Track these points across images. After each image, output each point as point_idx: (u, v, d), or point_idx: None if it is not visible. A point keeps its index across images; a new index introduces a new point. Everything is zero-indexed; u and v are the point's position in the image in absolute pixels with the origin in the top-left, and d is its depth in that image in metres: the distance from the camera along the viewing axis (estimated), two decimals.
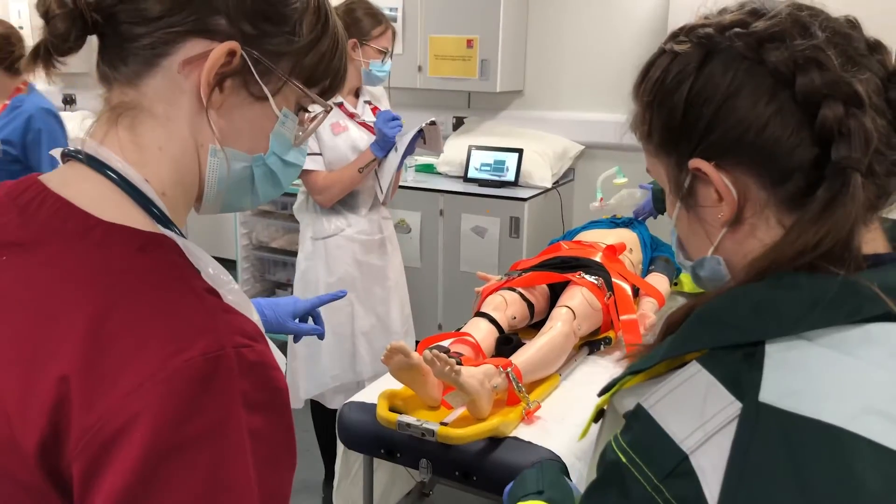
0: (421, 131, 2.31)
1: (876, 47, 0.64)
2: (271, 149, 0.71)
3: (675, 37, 0.69)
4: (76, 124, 3.72)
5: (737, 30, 0.64)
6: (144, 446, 0.51)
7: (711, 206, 0.67)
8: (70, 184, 0.63)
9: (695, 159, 0.65)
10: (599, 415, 0.72)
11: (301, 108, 0.73)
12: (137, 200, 0.63)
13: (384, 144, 2.29)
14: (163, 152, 0.65)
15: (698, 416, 0.58)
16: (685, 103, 0.65)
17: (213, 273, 0.62)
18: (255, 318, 0.63)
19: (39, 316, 0.57)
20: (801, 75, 0.60)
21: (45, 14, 0.61)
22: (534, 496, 1.01)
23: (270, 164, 0.72)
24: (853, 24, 0.65)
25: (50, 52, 0.62)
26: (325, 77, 0.71)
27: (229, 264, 4.19)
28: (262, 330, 0.61)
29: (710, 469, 0.56)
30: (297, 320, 1.21)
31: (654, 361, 0.64)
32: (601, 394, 0.71)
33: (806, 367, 0.57)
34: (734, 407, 0.57)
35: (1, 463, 0.56)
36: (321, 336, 1.21)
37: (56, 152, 0.67)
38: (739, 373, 0.58)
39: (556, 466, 1.11)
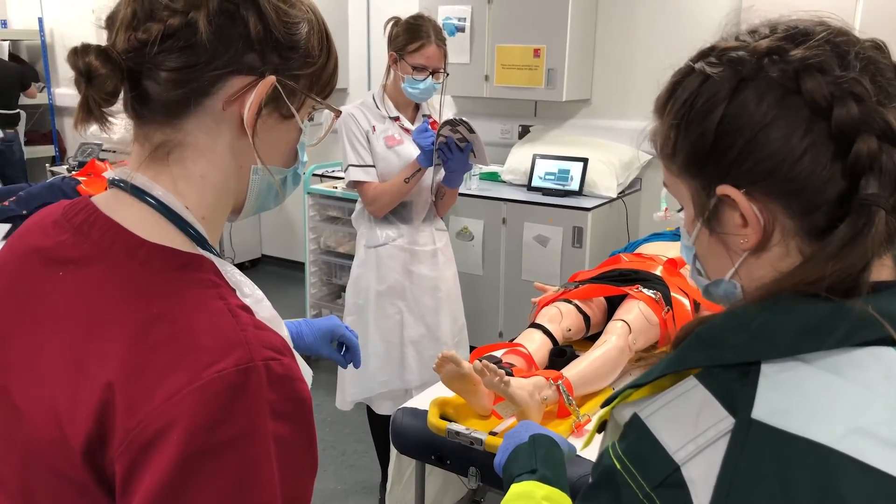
0: (468, 144, 2.29)
1: None
2: (300, 157, 0.78)
3: (704, 56, 0.68)
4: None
5: (774, 57, 0.63)
6: (180, 449, 0.56)
7: (735, 231, 0.67)
8: (117, 208, 0.68)
9: (724, 186, 0.65)
10: (602, 426, 0.74)
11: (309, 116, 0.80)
12: (177, 224, 0.68)
13: (426, 154, 2.31)
14: (205, 180, 0.70)
15: (692, 429, 0.59)
16: (716, 130, 0.64)
17: (247, 291, 0.67)
18: (285, 333, 0.67)
19: (91, 328, 0.62)
20: (839, 107, 0.60)
21: (88, 73, 0.63)
22: (527, 475, 1.01)
23: (298, 170, 0.79)
24: (880, 49, 0.64)
25: (101, 109, 0.65)
26: (332, 86, 0.77)
27: (299, 267, 4.35)
28: (291, 345, 0.65)
29: (701, 481, 0.57)
30: (332, 343, 1.26)
31: (653, 377, 0.66)
32: (604, 405, 0.72)
33: (799, 387, 0.58)
34: (727, 422, 0.58)
35: (52, 460, 0.62)
36: (343, 365, 1.29)
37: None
38: (734, 390, 0.59)
39: (548, 440, 1.10)
